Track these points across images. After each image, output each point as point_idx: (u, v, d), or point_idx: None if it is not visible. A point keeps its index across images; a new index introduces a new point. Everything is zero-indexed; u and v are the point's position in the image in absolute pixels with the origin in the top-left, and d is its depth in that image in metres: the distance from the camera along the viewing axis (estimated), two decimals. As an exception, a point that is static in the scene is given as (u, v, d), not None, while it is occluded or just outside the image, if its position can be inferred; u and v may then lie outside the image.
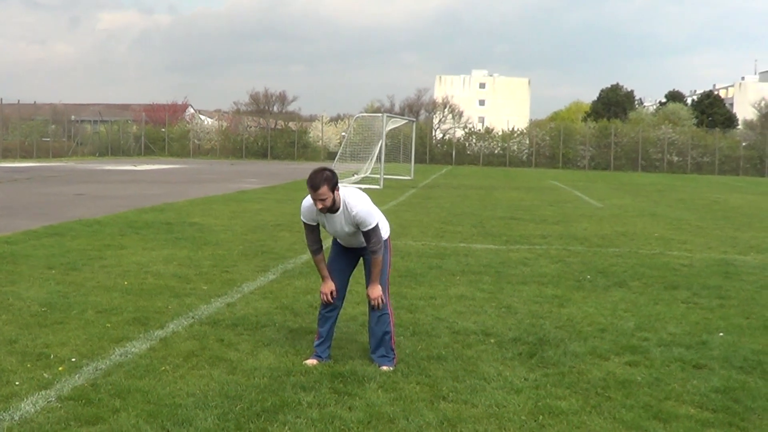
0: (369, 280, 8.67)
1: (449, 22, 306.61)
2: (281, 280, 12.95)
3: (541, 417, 6.96)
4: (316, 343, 8.70)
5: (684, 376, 8.34)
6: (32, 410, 6.72)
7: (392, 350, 8.53)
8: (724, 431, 6.79)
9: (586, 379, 8.13)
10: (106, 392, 7.22)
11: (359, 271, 8.99)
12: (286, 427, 6.56)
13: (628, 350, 9.26)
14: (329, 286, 8.67)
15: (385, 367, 8.27)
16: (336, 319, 8.86)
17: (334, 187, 8.17)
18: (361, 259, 8.86)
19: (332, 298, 8.65)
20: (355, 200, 8.36)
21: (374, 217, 8.38)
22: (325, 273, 8.74)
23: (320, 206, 8.16)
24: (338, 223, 8.40)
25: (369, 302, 8.66)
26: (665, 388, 7.90)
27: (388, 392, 7.50)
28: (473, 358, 8.82)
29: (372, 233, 8.38)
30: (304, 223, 8.63)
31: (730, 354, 9.20)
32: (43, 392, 7.19)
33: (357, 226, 8.36)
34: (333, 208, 8.27)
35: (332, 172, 8.22)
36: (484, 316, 10.86)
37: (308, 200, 8.43)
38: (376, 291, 8.60)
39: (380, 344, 8.51)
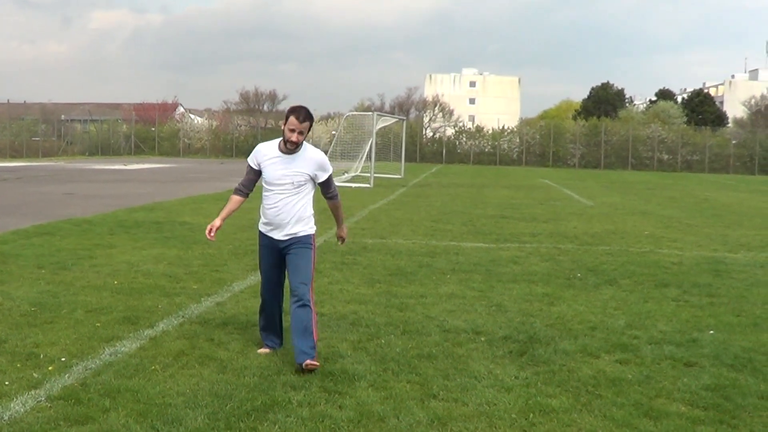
0: (338, 224, 9.30)
1: (440, 21, 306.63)
2: (271, 279, 12.93)
3: (531, 415, 6.95)
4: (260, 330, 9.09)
5: (674, 373, 8.35)
6: (22, 410, 6.70)
7: (315, 351, 8.25)
8: (714, 429, 6.79)
9: (576, 377, 8.13)
10: (95, 392, 7.20)
11: (352, 273, 8.98)
12: (276, 426, 6.54)
13: (619, 348, 9.26)
14: (215, 224, 8.89)
15: (309, 361, 8.05)
16: (276, 313, 9.03)
17: (311, 127, 8.48)
18: (285, 258, 8.73)
19: (210, 234, 8.90)
20: (317, 150, 8.76)
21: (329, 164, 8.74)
22: (223, 216, 8.97)
23: (294, 139, 8.36)
24: (293, 166, 8.49)
25: (296, 281, 8.53)
26: (656, 385, 7.90)
27: (379, 391, 7.49)
28: (464, 356, 8.81)
29: (331, 180, 8.78)
30: (249, 167, 8.81)
31: (720, 351, 9.21)
32: (32, 392, 7.16)
33: (317, 172, 8.57)
34: (297, 149, 8.49)
35: (312, 116, 8.55)
36: (474, 315, 10.85)
37: (266, 144, 8.73)
38: (345, 230, 9.31)
39: (303, 336, 8.26)
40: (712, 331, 10.22)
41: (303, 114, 8.37)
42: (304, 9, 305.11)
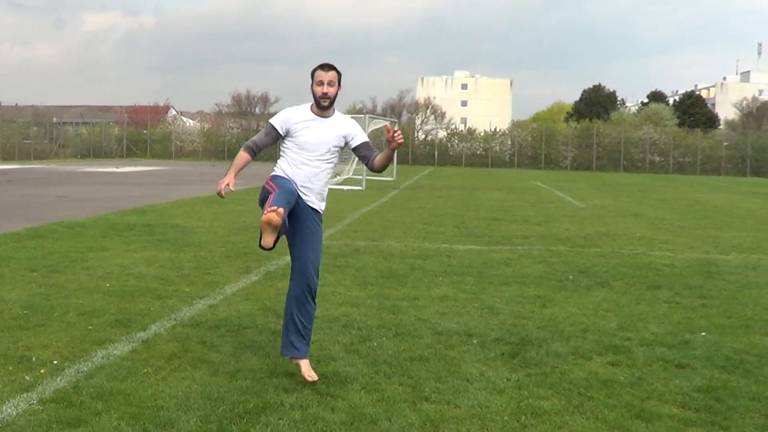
0: (387, 153, 8.11)
1: (431, 23, 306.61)
2: (263, 282, 12.93)
3: (523, 417, 6.96)
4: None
5: (666, 375, 8.36)
6: (14, 413, 6.69)
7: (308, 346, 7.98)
8: (706, 430, 6.80)
9: (568, 379, 8.14)
10: (87, 395, 7.19)
11: (344, 275, 8.96)
12: (269, 429, 6.54)
13: (611, 350, 9.27)
14: (228, 180, 7.93)
15: (300, 361, 7.84)
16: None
17: (340, 82, 7.94)
18: (297, 223, 8.04)
19: (222, 189, 7.88)
20: (347, 116, 8.20)
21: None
22: (233, 170, 8.11)
23: (326, 91, 7.80)
24: (327, 131, 7.94)
25: (309, 262, 7.98)
26: (648, 387, 7.91)
27: (371, 393, 7.49)
28: (456, 358, 8.82)
29: (368, 143, 8.22)
30: (271, 127, 8.15)
31: (712, 353, 9.22)
32: (24, 395, 7.15)
33: (346, 140, 8.06)
34: (327, 112, 7.97)
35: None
36: (466, 317, 10.86)
37: (296, 108, 8.07)
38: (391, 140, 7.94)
39: (299, 333, 7.93)
40: (704, 333, 10.23)
41: (328, 65, 7.90)
42: (296, 11, 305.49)
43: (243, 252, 15.97)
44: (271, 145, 8.33)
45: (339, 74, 7.93)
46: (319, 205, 8.09)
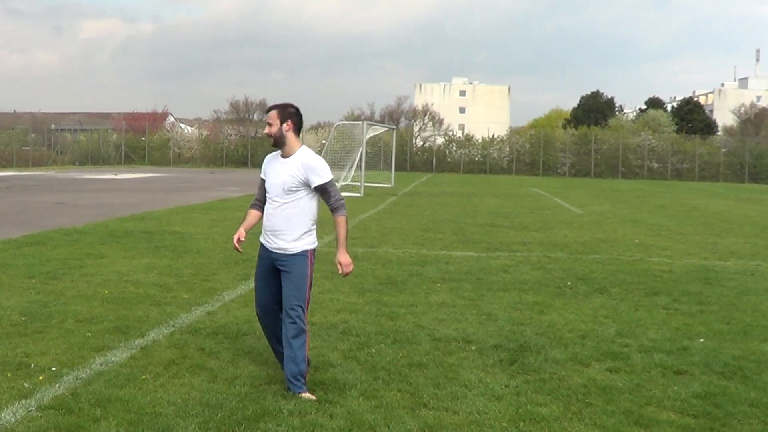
0: (337, 246, 8.19)
1: (429, 30, 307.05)
2: (262, 289, 12.92)
3: (522, 423, 6.96)
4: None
5: (665, 381, 8.37)
6: (12, 420, 6.69)
7: (304, 380, 7.83)
8: (704, 436, 6.81)
9: (566, 385, 8.14)
10: (86, 401, 7.20)
11: (342, 282, 8.95)
12: (267, 436, 6.55)
13: (609, 356, 9.27)
14: (239, 233, 8.16)
15: (301, 393, 7.70)
16: (274, 331, 8.26)
17: (285, 119, 8.07)
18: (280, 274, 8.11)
19: (238, 244, 8.12)
20: (316, 156, 8.18)
21: (330, 174, 8.11)
22: (244, 225, 8.29)
23: (266, 131, 8.15)
24: (284, 171, 8.01)
25: (288, 303, 7.94)
26: (646, 394, 7.92)
27: (369, 400, 7.49)
28: (454, 365, 8.82)
29: (330, 187, 8.05)
30: (260, 179, 8.39)
31: (710, 359, 9.23)
32: (23, 402, 7.16)
33: (306, 179, 7.96)
34: (285, 151, 8.11)
35: (296, 110, 8.21)
36: (464, 324, 10.86)
37: (272, 153, 8.33)
38: (345, 257, 8.15)
39: (291, 363, 7.85)
40: (702, 339, 10.24)
41: (271, 106, 8.24)
42: (294, 18, 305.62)
43: (241, 258, 15.94)
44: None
45: (281, 111, 8.12)
46: (300, 245, 8.05)
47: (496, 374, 8.51)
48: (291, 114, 8.10)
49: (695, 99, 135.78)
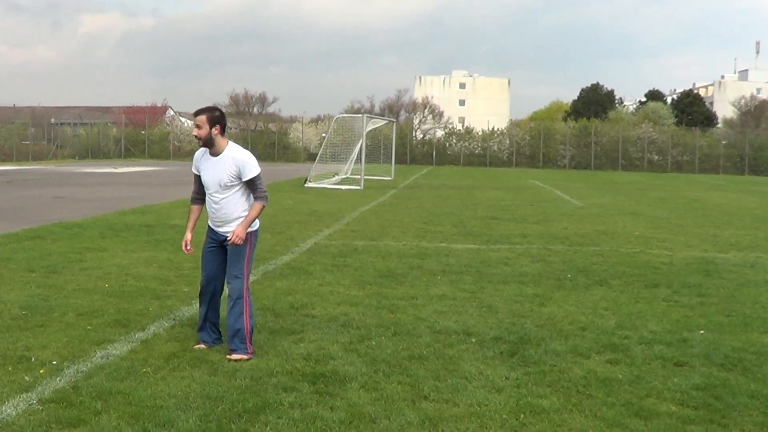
0: (242, 221, 8.97)
1: (429, 23, 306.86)
2: (262, 282, 12.93)
3: (522, 415, 6.97)
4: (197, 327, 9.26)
5: (665, 373, 8.37)
6: (13, 413, 6.70)
7: (246, 344, 8.73)
8: (705, 428, 6.81)
9: (567, 377, 8.15)
10: (87, 394, 7.20)
11: (343, 275, 8.97)
12: (268, 428, 6.55)
13: (609, 348, 9.28)
14: (187, 238, 9.40)
15: (236, 356, 8.62)
16: (213, 302, 9.21)
17: (214, 123, 8.80)
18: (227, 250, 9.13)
19: (187, 248, 9.37)
20: (244, 151, 9.00)
21: (258, 168, 8.92)
22: (191, 227, 9.44)
23: (195, 134, 8.81)
24: (217, 169, 8.85)
25: (230, 273, 9.06)
26: (646, 385, 7.92)
27: (370, 392, 7.50)
28: (454, 357, 8.83)
29: (257, 181, 8.90)
30: (193, 175, 9.31)
31: (710, 351, 9.24)
32: (24, 395, 7.16)
33: (239, 173, 8.82)
34: (214, 150, 8.90)
35: (221, 112, 9.05)
36: (465, 316, 10.87)
37: (199, 150, 9.14)
38: (241, 231, 8.86)
39: (234, 336, 8.79)
40: (702, 331, 10.24)
41: (199, 110, 8.88)
42: (294, 11, 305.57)
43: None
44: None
45: (209, 115, 8.85)
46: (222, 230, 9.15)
47: (496, 366, 8.51)
48: (218, 117, 8.91)
49: (695, 91, 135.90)
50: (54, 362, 8.23)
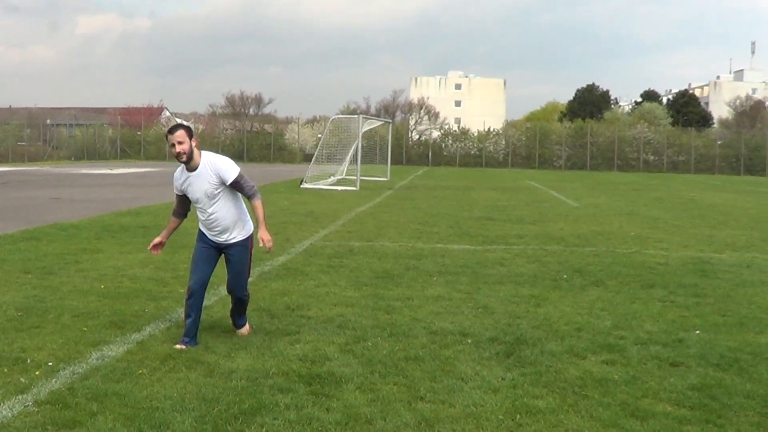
0: (258, 225, 9.20)
1: (425, 24, 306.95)
2: (258, 283, 12.92)
3: (518, 416, 6.97)
4: (184, 332, 9.23)
5: (661, 374, 8.38)
6: (9, 415, 6.70)
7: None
8: (700, 428, 6.81)
9: (563, 378, 8.15)
10: (83, 396, 7.20)
11: (339, 276, 8.98)
12: (264, 429, 6.55)
13: (605, 349, 9.28)
14: (155, 241, 9.69)
15: (246, 328, 9.65)
16: (199, 309, 9.25)
17: (191, 135, 8.87)
18: (223, 255, 9.41)
19: (153, 249, 9.68)
20: (218, 156, 9.13)
21: (237, 168, 9.09)
22: (164, 233, 9.72)
23: (178, 150, 8.75)
24: (201, 182, 8.95)
25: (235, 283, 9.48)
26: (642, 386, 7.93)
27: (366, 393, 7.50)
28: (450, 358, 8.83)
29: (241, 180, 9.06)
30: (175, 195, 9.38)
31: (706, 351, 9.24)
32: (20, 397, 7.16)
33: (221, 180, 8.98)
34: (192, 164, 8.91)
35: (190, 126, 9.05)
36: (461, 317, 10.87)
37: (177, 170, 9.15)
38: (266, 234, 9.11)
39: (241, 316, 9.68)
40: (698, 331, 10.25)
41: (173, 127, 8.88)
42: (291, 12, 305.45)
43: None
44: (185, 204, 9.50)
45: (187, 129, 8.94)
46: (241, 234, 9.37)
47: (492, 367, 8.52)
48: (192, 130, 9.06)
49: (691, 91, 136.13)
50: (50, 364, 8.23)
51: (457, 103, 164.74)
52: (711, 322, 10.85)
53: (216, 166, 8.93)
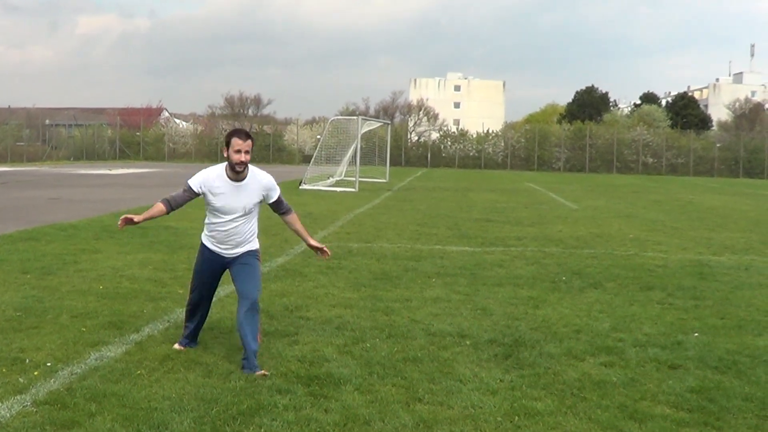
0: (304, 237, 9.28)
1: (425, 25, 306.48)
2: (257, 284, 12.91)
3: (516, 418, 6.97)
4: (183, 334, 9.20)
5: (659, 376, 8.38)
6: (8, 415, 6.70)
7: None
8: (699, 431, 6.82)
9: (561, 380, 8.15)
10: (81, 396, 7.20)
11: (338, 277, 8.97)
12: (262, 430, 6.55)
13: (604, 351, 9.29)
14: (133, 217, 8.81)
15: (261, 372, 8.18)
16: (203, 318, 9.24)
17: (252, 145, 8.56)
18: (230, 269, 8.92)
19: (123, 222, 8.74)
20: (262, 172, 8.79)
21: (277, 185, 8.84)
22: (145, 217, 8.97)
23: (243, 159, 8.37)
24: (244, 195, 8.56)
25: (250, 288, 8.67)
26: (640, 388, 7.93)
27: (364, 394, 7.50)
28: (449, 359, 8.83)
29: (281, 199, 8.89)
30: (189, 188, 8.76)
31: (705, 354, 9.24)
32: (18, 397, 7.16)
33: (266, 194, 8.68)
34: (242, 175, 8.52)
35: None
36: (459, 318, 10.87)
37: (213, 171, 8.68)
38: (316, 243, 9.29)
39: (252, 356, 8.34)
40: (696, 334, 10.25)
41: (244, 133, 8.52)
42: (290, 13, 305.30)
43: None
44: (187, 202, 8.93)
45: (254, 142, 8.63)
46: (254, 245, 8.96)
47: (490, 369, 8.52)
48: (254, 139, 8.70)
49: (690, 94, 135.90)
50: (48, 364, 8.22)
51: (456, 105, 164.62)
52: (709, 324, 10.85)
53: (264, 183, 8.64)
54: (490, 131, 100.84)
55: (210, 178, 8.64)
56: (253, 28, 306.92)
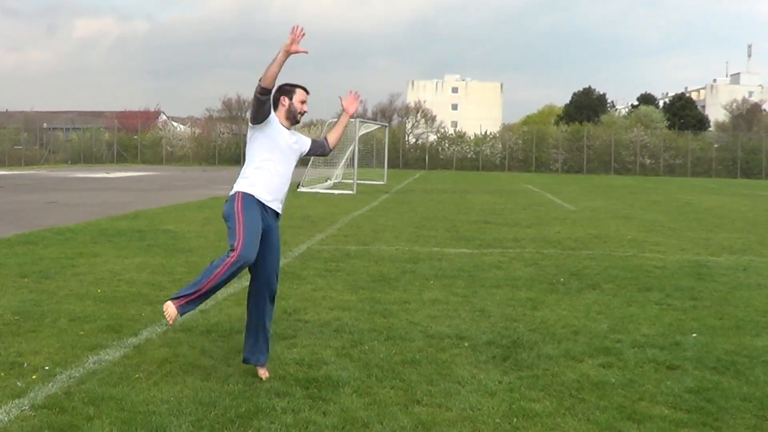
0: (342, 121, 9.34)
1: (422, 27, 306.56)
2: (255, 286, 12.91)
3: (515, 419, 6.97)
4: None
5: (657, 377, 8.37)
6: (5, 419, 6.68)
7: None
8: (697, 431, 6.81)
9: (559, 381, 8.15)
10: (79, 400, 7.19)
11: (336, 280, 8.93)
12: (261, 433, 6.55)
13: (602, 352, 9.28)
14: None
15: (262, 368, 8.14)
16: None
17: None
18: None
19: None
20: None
21: None
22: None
23: (305, 109, 8.53)
24: (294, 142, 8.46)
25: (274, 269, 8.30)
26: (639, 389, 7.92)
27: (363, 397, 7.49)
28: (447, 361, 8.82)
29: (313, 138, 9.02)
30: (259, 100, 8.00)
31: (703, 355, 9.24)
32: (16, 401, 7.14)
33: (303, 147, 8.63)
34: (295, 122, 8.58)
35: None
36: (458, 320, 10.86)
37: (272, 115, 8.24)
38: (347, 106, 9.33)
39: (266, 340, 8.30)
40: (695, 335, 10.25)
41: (304, 87, 8.74)
42: (287, 16, 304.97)
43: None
44: (258, 109, 8.07)
45: None
46: (281, 208, 8.44)
47: (489, 370, 8.51)
48: None
49: (687, 95, 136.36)
50: (46, 368, 8.22)
51: (454, 107, 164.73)
52: (708, 325, 10.85)
53: (302, 135, 8.76)
54: (488, 133, 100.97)
55: (274, 119, 8.36)
56: (250, 31, 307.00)
